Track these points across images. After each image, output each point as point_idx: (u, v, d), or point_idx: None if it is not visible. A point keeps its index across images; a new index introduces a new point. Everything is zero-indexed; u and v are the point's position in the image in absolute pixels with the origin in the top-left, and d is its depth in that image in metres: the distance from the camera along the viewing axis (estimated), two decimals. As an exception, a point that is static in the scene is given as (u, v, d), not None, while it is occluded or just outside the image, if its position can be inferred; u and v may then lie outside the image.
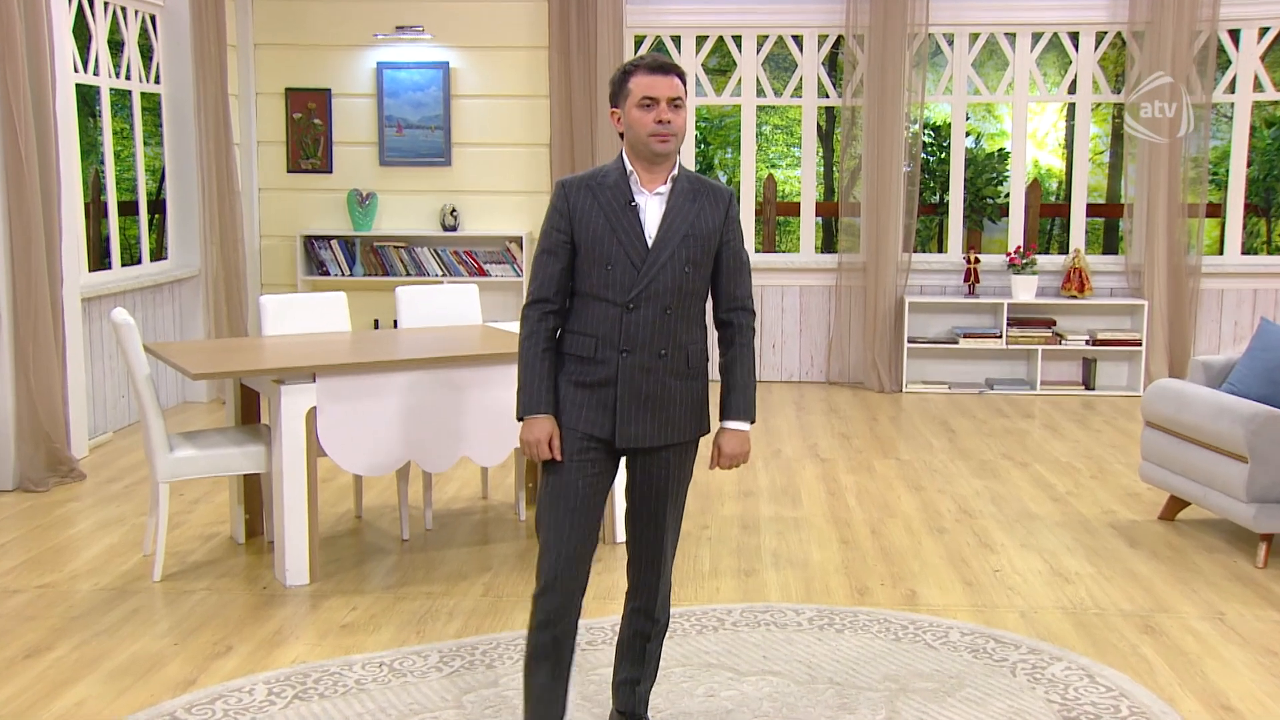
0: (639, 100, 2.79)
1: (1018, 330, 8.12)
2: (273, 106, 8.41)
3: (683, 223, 2.83)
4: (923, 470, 6.03)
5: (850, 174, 8.40)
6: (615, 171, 2.86)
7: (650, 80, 2.80)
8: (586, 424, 2.84)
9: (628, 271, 2.80)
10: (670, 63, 2.85)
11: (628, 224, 2.81)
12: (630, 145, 2.85)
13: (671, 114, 2.80)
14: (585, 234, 2.81)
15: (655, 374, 2.83)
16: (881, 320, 8.21)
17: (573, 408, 2.85)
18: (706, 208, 2.87)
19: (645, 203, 2.84)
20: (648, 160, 2.83)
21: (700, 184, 2.90)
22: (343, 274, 8.38)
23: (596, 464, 2.85)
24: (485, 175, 8.45)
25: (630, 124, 2.82)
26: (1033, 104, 8.82)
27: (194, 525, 5.04)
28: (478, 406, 4.48)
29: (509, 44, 8.31)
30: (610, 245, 2.80)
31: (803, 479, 5.85)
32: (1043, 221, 12.07)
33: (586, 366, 2.83)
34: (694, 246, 2.84)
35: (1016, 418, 7.37)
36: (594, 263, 2.81)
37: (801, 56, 8.41)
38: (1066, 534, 4.96)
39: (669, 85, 2.80)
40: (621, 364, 2.82)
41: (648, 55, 2.86)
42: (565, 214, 2.84)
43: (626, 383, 2.82)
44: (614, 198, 2.83)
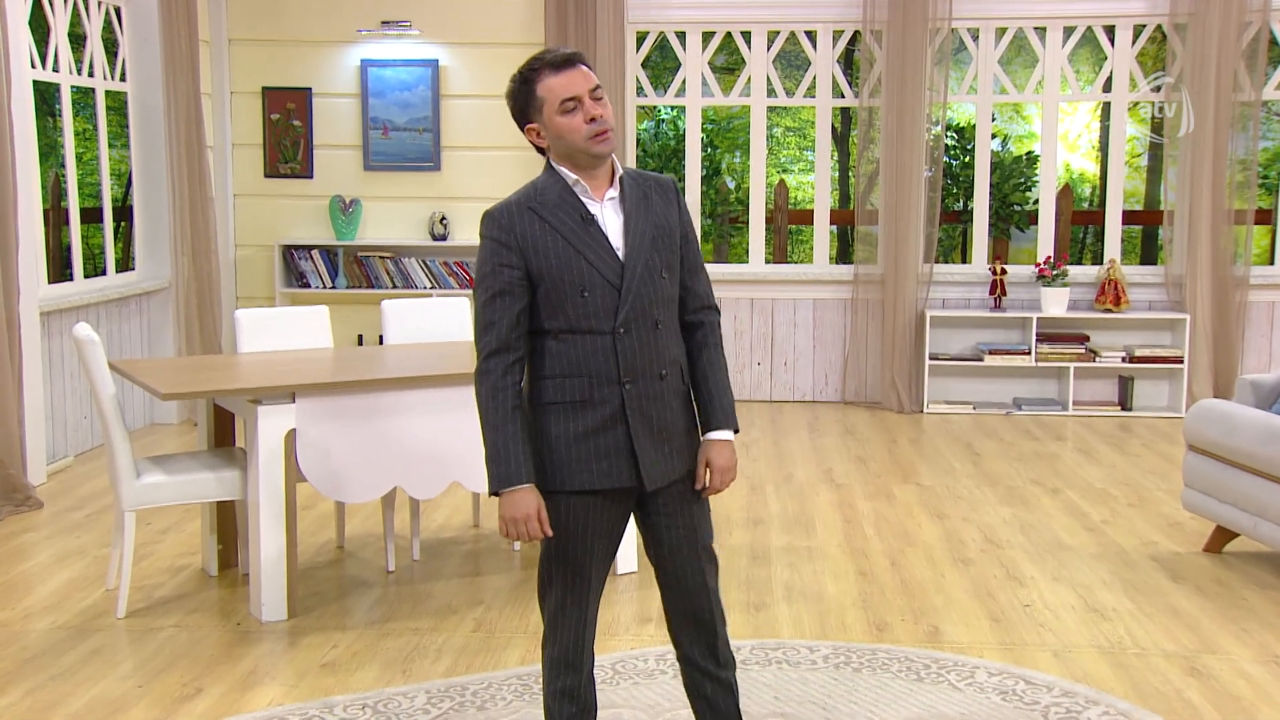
0: (559, 106, 2.65)
1: (1048, 347, 8.13)
2: (249, 106, 8.44)
3: (646, 225, 2.72)
4: (945, 497, 6.03)
5: (867, 179, 8.42)
6: (553, 187, 2.70)
7: (562, 80, 2.66)
8: (603, 478, 2.68)
9: (608, 294, 2.65)
10: (570, 52, 2.71)
11: (593, 241, 2.67)
12: (562, 156, 2.70)
13: (599, 108, 2.66)
14: (546, 264, 2.64)
15: (661, 399, 2.72)
16: (901, 336, 8.22)
17: (578, 465, 2.68)
18: (658, 202, 2.77)
19: (600, 212, 2.70)
20: (589, 166, 2.70)
21: (644, 180, 2.80)
22: (324, 286, 8.39)
23: (610, 522, 2.74)
24: (477, 181, 8.48)
25: (558, 134, 2.67)
26: (1064, 103, 8.84)
27: (162, 557, 5.03)
28: (469, 429, 4.47)
29: (502, 40, 8.35)
30: (580, 269, 2.64)
31: (816, 506, 5.85)
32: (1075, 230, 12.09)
33: (582, 412, 2.67)
34: (664, 249, 2.73)
35: (1047, 440, 7.36)
36: (565, 294, 2.65)
37: (815, 53, 8.44)
38: (1102, 566, 4.94)
39: (583, 78, 2.67)
40: (626, 397, 2.67)
41: (544, 53, 2.71)
42: (514, 246, 2.65)
43: (637, 416, 2.69)
44: (567, 216, 2.67)
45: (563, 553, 2.72)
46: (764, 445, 7.18)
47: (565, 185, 2.70)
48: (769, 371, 8.59)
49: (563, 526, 2.70)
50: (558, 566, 2.74)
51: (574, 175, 2.70)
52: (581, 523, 2.70)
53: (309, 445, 4.24)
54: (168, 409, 7.71)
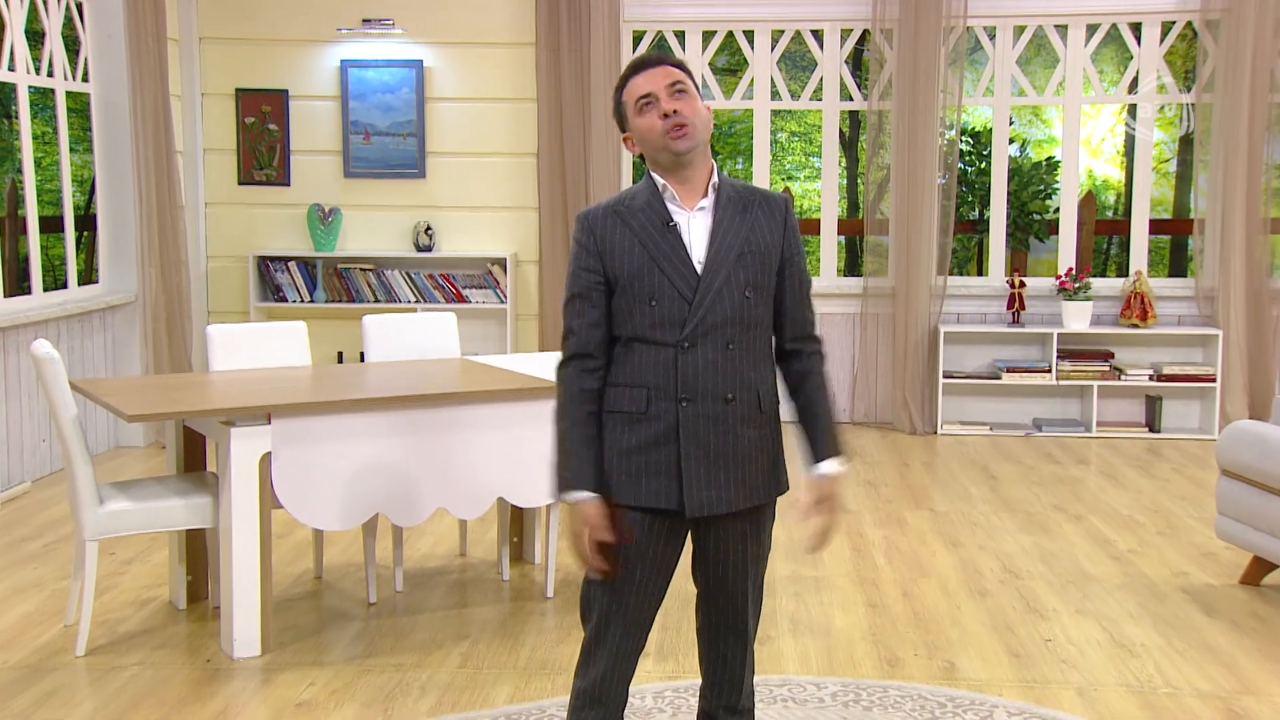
0: (636, 105, 2.75)
1: (1070, 364, 8.14)
2: (221, 109, 8.45)
3: (735, 239, 2.74)
4: (961, 523, 6.02)
5: (877, 187, 8.44)
6: (645, 192, 2.78)
7: (639, 80, 2.76)
8: (648, 497, 2.71)
9: (677, 305, 2.69)
10: (655, 54, 2.82)
11: (669, 249, 2.71)
12: (652, 159, 2.79)
13: (677, 102, 2.73)
14: (621, 268, 2.71)
15: (723, 423, 2.73)
16: (913, 353, 8.23)
17: (626, 480, 2.72)
18: (761, 219, 2.78)
19: (687, 221, 2.75)
20: (675, 168, 2.76)
21: (749, 192, 2.82)
22: (302, 300, 8.39)
23: (660, 546, 2.76)
24: (464, 189, 8.49)
25: (641, 136, 2.77)
26: (1087, 106, 8.88)
27: (126, 589, 5.02)
28: (456, 452, 4.47)
29: (491, 40, 8.37)
30: (652, 277, 2.70)
31: (825, 534, 5.84)
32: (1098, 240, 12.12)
33: (637, 425, 2.72)
34: (752, 266, 2.73)
35: (1069, 464, 7.36)
36: (635, 300, 2.71)
37: (822, 54, 8.47)
38: (1130, 599, 4.94)
39: (662, 74, 2.75)
40: (682, 416, 2.70)
41: (631, 62, 2.83)
42: (593, 249, 2.73)
43: (691, 437, 2.71)
44: (648, 221, 2.73)
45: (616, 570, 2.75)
46: (768, 469, 7.16)
47: (654, 191, 2.78)
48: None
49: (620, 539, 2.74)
50: (597, 588, 2.77)
51: (663, 180, 2.77)
52: (628, 546, 2.72)
53: (285, 469, 4.23)
54: (133, 431, 7.70)
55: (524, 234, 8.51)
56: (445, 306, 8.29)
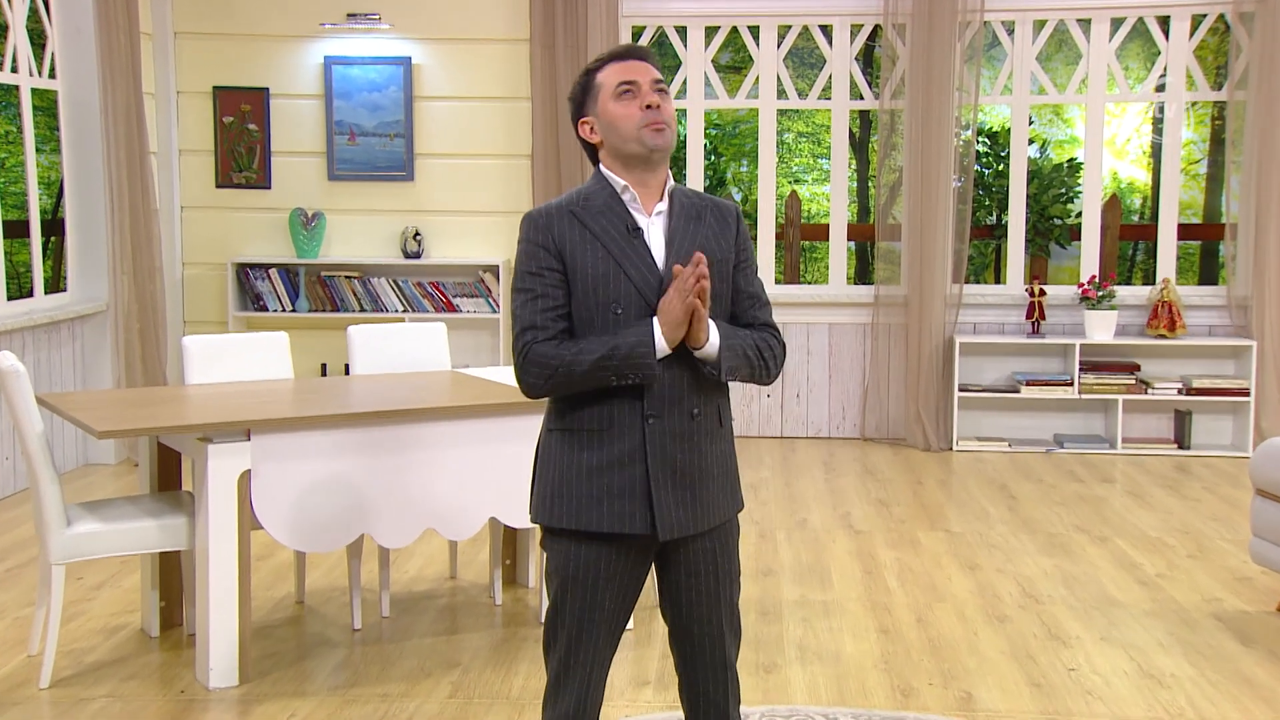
0: (615, 90, 2.75)
1: (1093, 377, 8.14)
2: (198, 108, 8.47)
3: (692, 246, 2.76)
4: (978, 545, 6.02)
5: (889, 190, 8.45)
6: (601, 192, 2.77)
7: (623, 66, 2.77)
8: (615, 521, 2.69)
9: (643, 314, 2.69)
10: (639, 47, 2.83)
11: (636, 255, 2.72)
12: (614, 152, 2.78)
13: (658, 98, 2.74)
14: (584, 272, 2.70)
15: (689, 440, 2.73)
16: (927, 365, 8.23)
17: (589, 503, 2.69)
18: (714, 226, 2.82)
19: (647, 226, 2.76)
20: (637, 167, 2.76)
21: (701, 200, 2.86)
22: (283, 310, 8.40)
23: (627, 573, 2.75)
24: (455, 192, 8.50)
25: (610, 123, 2.75)
26: (1111, 105, 8.87)
27: (95, 616, 5.01)
28: (446, 470, 4.47)
29: (483, 36, 8.39)
30: (618, 283, 2.69)
31: (833, 555, 5.84)
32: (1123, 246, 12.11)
33: (601, 443, 2.70)
34: (711, 274, 2.72)
35: (1093, 482, 7.36)
36: (596, 308, 2.70)
37: (831, 50, 8.49)
38: (1159, 626, 4.93)
39: (646, 68, 2.77)
40: (648, 432, 2.69)
41: (607, 51, 2.84)
42: (552, 249, 2.72)
43: (658, 456, 2.69)
44: (610, 224, 2.73)
45: (568, 603, 2.73)
46: (774, 487, 7.18)
47: (613, 192, 2.77)
48: (779, 404, 8.59)
49: (568, 573, 2.72)
50: (562, 619, 2.75)
51: (623, 181, 2.77)
52: (590, 570, 2.71)
53: (266, 488, 4.23)
54: (104, 448, 7.70)
55: (516, 240, 8.49)
56: (434, 316, 8.29)
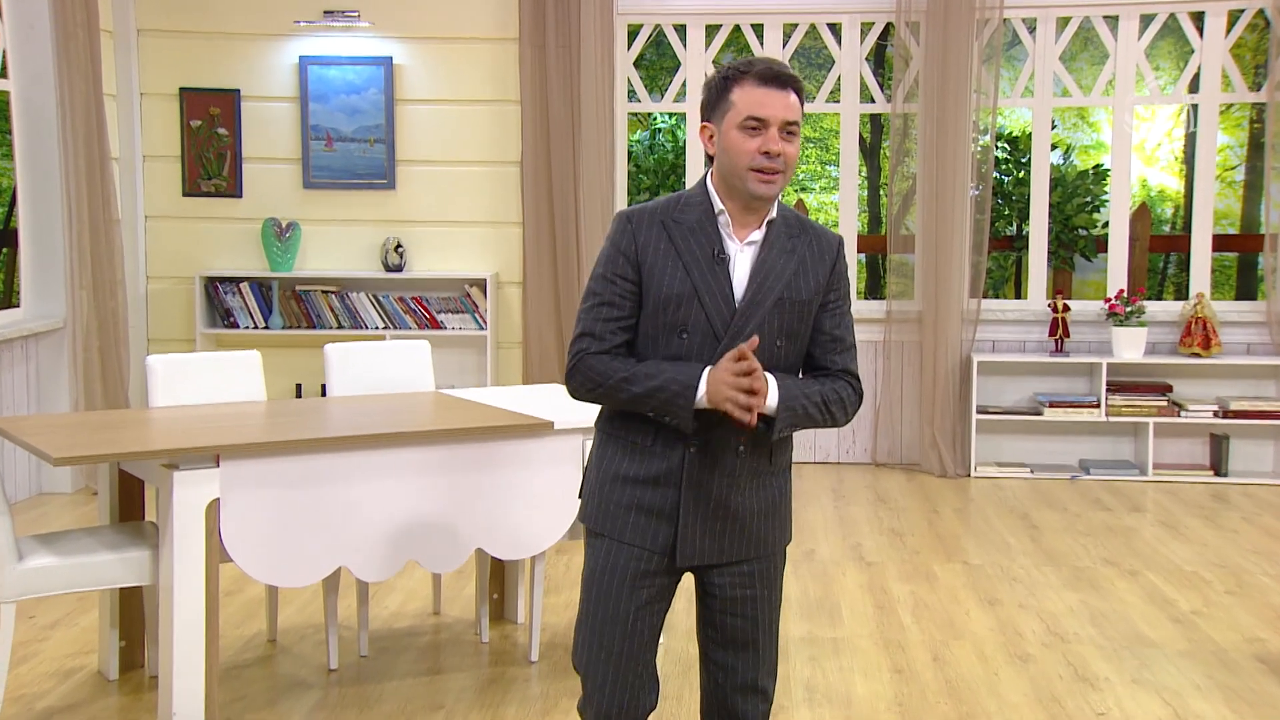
0: (743, 120, 2.77)
1: (1121, 398, 8.15)
2: (163, 111, 8.48)
3: (777, 282, 2.83)
4: (998, 579, 6.02)
5: (902, 199, 8.47)
6: (698, 207, 2.85)
7: (761, 95, 2.77)
8: (638, 535, 2.85)
9: (707, 341, 2.79)
10: (790, 73, 2.81)
11: (715, 283, 2.80)
12: (722, 175, 2.84)
13: (783, 144, 2.78)
14: (659, 288, 2.80)
15: (730, 475, 2.85)
16: (942, 385, 8.24)
17: (616, 510, 2.87)
18: (808, 261, 2.87)
19: (735, 254, 2.84)
20: (741, 199, 2.83)
21: (800, 227, 2.90)
22: (255, 326, 8.40)
23: (652, 586, 2.88)
24: (439, 201, 8.52)
25: (726, 149, 2.80)
26: (1140, 107, 8.91)
27: (48, 658, 4.99)
28: (429, 498, 4.47)
29: (469, 35, 8.41)
30: (690, 307, 2.79)
31: (843, 588, 5.85)
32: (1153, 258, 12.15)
33: (640, 458, 2.86)
34: (789, 313, 2.84)
35: (1122, 511, 7.36)
36: (664, 326, 2.81)
37: (840, 50, 8.52)
38: (1195, 667, 4.93)
39: (785, 104, 2.78)
40: (688, 459, 2.82)
41: (758, 60, 2.82)
42: (632, 257, 2.81)
43: (692, 483, 2.83)
44: (697, 244, 2.81)
45: (589, 603, 2.89)
46: (781, 517, 7.16)
47: (709, 210, 2.85)
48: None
49: (594, 573, 2.89)
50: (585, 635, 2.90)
51: (722, 205, 2.84)
52: (617, 577, 2.86)
53: (236, 518, 4.23)
54: (60, 476, 7.68)
55: (506, 252, 8.53)
56: (418, 334, 8.30)
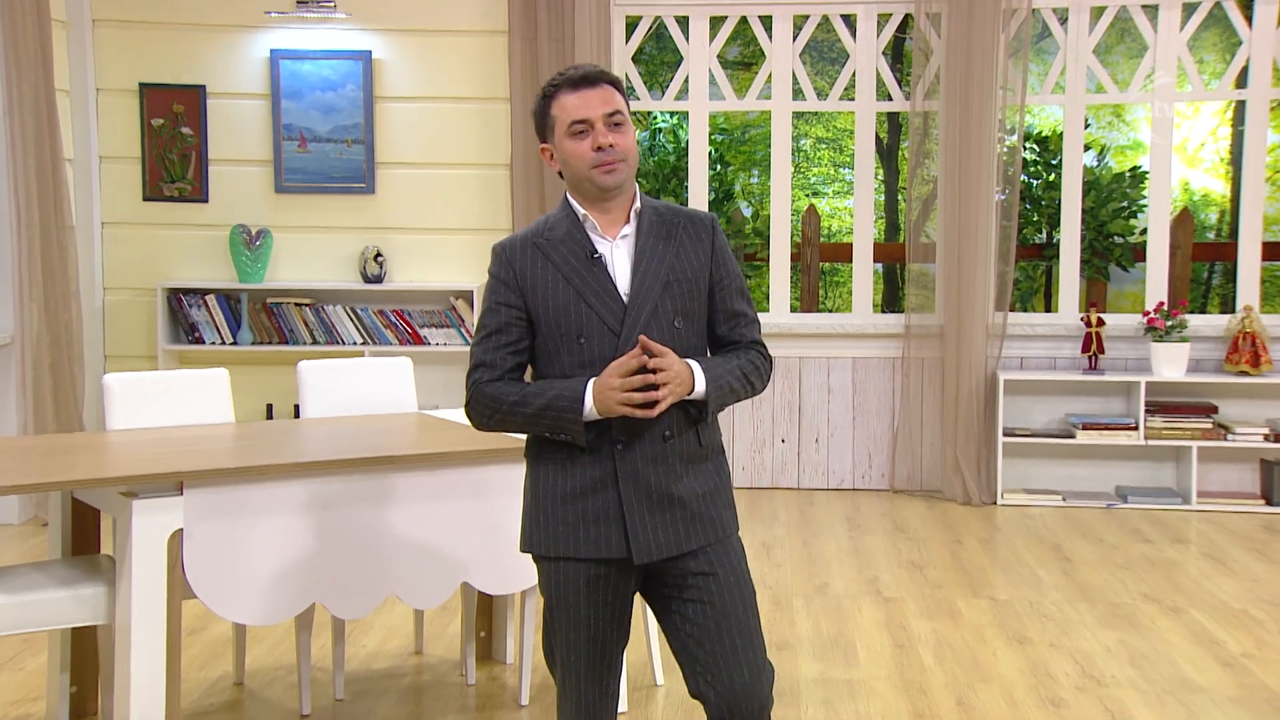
0: (569, 128, 3.14)
1: (1162, 420, 8.13)
2: (122, 109, 8.48)
3: (660, 267, 3.16)
4: (1028, 615, 6.01)
5: (922, 205, 8.46)
6: (564, 222, 3.19)
7: (576, 99, 3.14)
8: (590, 546, 3.11)
9: (606, 340, 3.11)
10: (596, 70, 3.18)
11: (596, 283, 3.13)
12: (573, 185, 3.20)
13: (613, 135, 3.13)
14: (545, 305, 3.13)
15: (663, 463, 3.12)
16: (966, 405, 8.23)
17: (564, 529, 3.13)
18: (686, 243, 3.21)
19: (610, 251, 3.17)
20: (597, 199, 3.18)
21: (672, 215, 3.24)
22: (223, 342, 8.39)
23: (610, 590, 3.16)
24: (421, 207, 8.51)
25: (566, 159, 3.17)
26: (1182, 104, 8.91)
27: None
28: (411, 528, 4.45)
29: (455, 27, 8.42)
30: (579, 313, 3.12)
31: (859, 626, 5.83)
32: (1197, 268, 12.14)
33: (571, 470, 3.13)
34: (680, 294, 3.17)
35: (1163, 543, 7.35)
36: (562, 339, 3.13)
37: (855, 44, 8.52)
38: (1246, 715, 4.90)
39: (600, 99, 3.14)
40: (619, 458, 3.10)
41: (568, 68, 3.19)
42: (513, 284, 3.16)
43: (630, 481, 3.11)
44: (570, 254, 3.15)
45: (556, 621, 3.18)
46: (790, 546, 7.16)
47: (574, 220, 3.19)
48: (795, 451, 8.58)
49: (552, 594, 3.17)
50: (554, 638, 3.21)
51: (583, 210, 3.19)
52: (573, 591, 3.14)
53: (200, 550, 4.21)
54: (7, 506, 7.66)
55: (493, 261, 8.50)
56: (399, 350, 8.29)
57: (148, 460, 4.33)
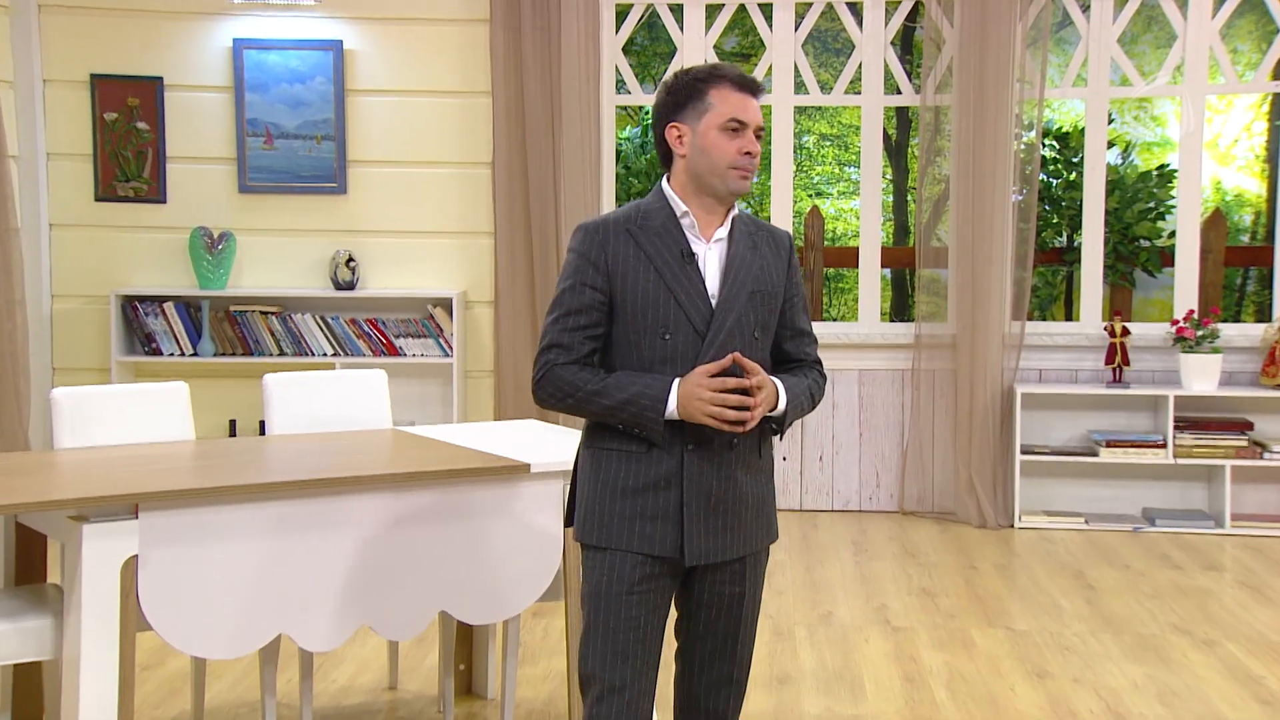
0: (725, 122, 3.30)
1: (1192, 437, 8.14)
2: (71, 102, 8.47)
3: (748, 277, 3.37)
4: (1048, 647, 6.00)
5: (933, 206, 8.47)
6: (659, 212, 3.37)
7: (741, 100, 3.32)
8: (645, 542, 3.30)
9: (690, 340, 3.30)
10: (759, 82, 3.38)
11: (688, 281, 3.31)
12: (692, 176, 3.36)
13: (757, 145, 3.33)
14: (634, 294, 3.30)
15: (725, 469, 3.34)
16: (980, 421, 8.23)
17: (621, 522, 3.31)
18: (769, 257, 3.43)
19: (703, 253, 3.37)
20: (714, 198, 3.36)
21: (757, 228, 3.47)
22: (183, 353, 8.38)
23: (659, 591, 3.35)
24: (397, 208, 8.51)
25: (704, 149, 3.32)
26: (1214, 97, 8.92)
27: (-61, 740, 4.97)
28: (385, 553, 4.44)
29: (432, 15, 8.42)
30: (668, 308, 3.30)
31: (866, 658, 5.83)
32: (1230, 273, 12.17)
33: (637, 465, 3.32)
34: (761, 306, 3.39)
35: (1194, 570, 7.35)
36: (645, 330, 3.31)
37: (861, 34, 8.54)
38: (1280, 750, 4.91)
39: (757, 111, 3.34)
40: (686, 460, 3.30)
41: (725, 65, 3.38)
42: (601, 267, 3.30)
43: (694, 482, 3.31)
44: (664, 247, 3.32)
45: (600, 617, 3.31)
46: (792, 572, 7.15)
47: (672, 214, 3.36)
48: (798, 470, 8.58)
49: (601, 587, 3.31)
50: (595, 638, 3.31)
51: (684, 206, 3.36)
52: (623, 583, 3.30)
53: (156, 578, 4.19)
54: (-45, 527, 7.64)
55: (475, 267, 8.52)
56: (372, 362, 8.28)
57: (99, 481, 4.31)
